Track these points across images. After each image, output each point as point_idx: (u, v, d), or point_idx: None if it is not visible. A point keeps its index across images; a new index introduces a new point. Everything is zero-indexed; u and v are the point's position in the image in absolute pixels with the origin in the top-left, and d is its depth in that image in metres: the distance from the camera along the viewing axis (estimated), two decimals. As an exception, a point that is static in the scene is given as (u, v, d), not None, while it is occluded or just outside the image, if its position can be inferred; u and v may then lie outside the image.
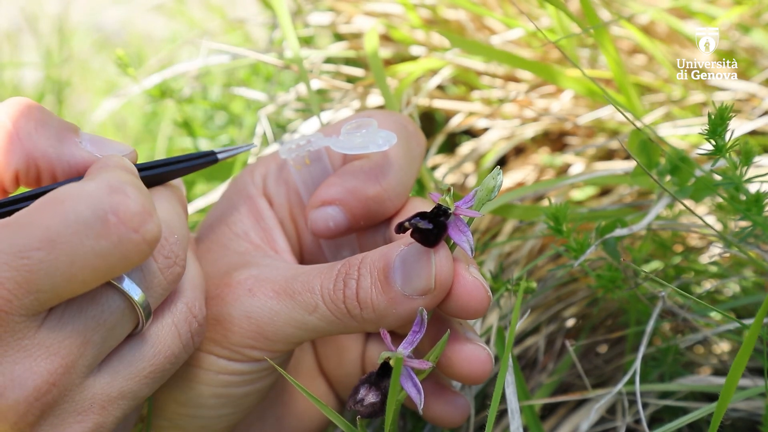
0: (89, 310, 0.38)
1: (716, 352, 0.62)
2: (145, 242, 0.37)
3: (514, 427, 0.47)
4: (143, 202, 0.37)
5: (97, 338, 0.38)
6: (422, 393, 0.41)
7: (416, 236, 0.41)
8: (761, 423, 0.55)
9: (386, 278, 0.43)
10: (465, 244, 0.42)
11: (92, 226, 0.35)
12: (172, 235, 0.41)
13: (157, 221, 0.37)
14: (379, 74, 0.63)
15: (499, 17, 0.74)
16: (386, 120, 0.50)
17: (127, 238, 0.36)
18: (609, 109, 0.72)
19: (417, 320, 0.42)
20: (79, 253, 0.35)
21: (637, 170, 0.57)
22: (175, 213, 0.43)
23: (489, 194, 0.43)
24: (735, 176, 0.50)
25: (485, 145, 0.76)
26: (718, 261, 0.62)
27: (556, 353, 0.65)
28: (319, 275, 0.45)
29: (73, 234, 0.35)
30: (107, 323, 0.38)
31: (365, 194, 0.48)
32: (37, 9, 1.47)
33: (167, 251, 0.41)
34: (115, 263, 0.36)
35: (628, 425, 0.57)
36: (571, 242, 0.53)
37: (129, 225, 0.36)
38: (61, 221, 0.35)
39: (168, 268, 0.41)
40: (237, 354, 0.46)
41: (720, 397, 0.42)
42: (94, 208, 0.36)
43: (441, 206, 0.42)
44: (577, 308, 0.66)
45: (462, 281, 0.43)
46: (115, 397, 0.40)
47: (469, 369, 0.45)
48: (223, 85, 0.97)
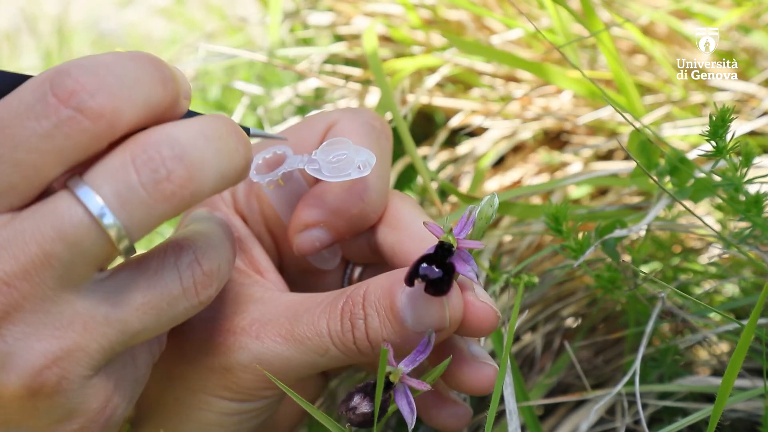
0: (45, 214, 0.35)
1: (716, 353, 0.62)
2: (88, 120, 0.34)
3: (512, 428, 0.47)
4: (87, 78, 0.35)
5: (60, 251, 0.35)
6: (415, 413, 0.41)
7: (430, 290, 0.40)
8: (761, 424, 0.55)
9: (395, 317, 0.42)
10: (471, 274, 0.41)
11: (33, 108, 0.34)
12: (169, 148, 0.36)
13: (104, 100, 0.35)
14: (376, 69, 0.63)
15: (499, 17, 0.74)
16: (351, 124, 0.48)
17: (65, 117, 0.34)
18: (609, 109, 0.72)
19: (423, 341, 0.42)
20: (22, 136, 0.34)
21: (637, 171, 0.57)
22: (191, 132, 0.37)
23: (487, 222, 0.43)
24: (735, 177, 0.50)
25: (484, 144, 0.76)
26: (718, 262, 0.62)
27: (554, 353, 0.65)
28: (324, 315, 0.44)
29: (14, 117, 0.34)
30: (69, 237, 0.35)
31: (349, 213, 0.47)
32: (37, 9, 1.47)
33: (156, 164, 0.36)
34: (62, 145, 0.35)
35: (627, 426, 0.57)
36: (571, 242, 0.53)
37: (68, 103, 0.34)
38: (4, 108, 0.35)
39: (155, 184, 0.36)
40: (250, 396, 0.45)
41: (717, 397, 0.42)
42: (35, 90, 0.35)
43: (444, 245, 0.41)
44: (575, 308, 0.66)
45: (472, 308, 0.43)
46: (100, 321, 0.37)
47: (474, 385, 0.45)
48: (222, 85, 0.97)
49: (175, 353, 0.47)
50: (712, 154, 0.50)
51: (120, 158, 0.36)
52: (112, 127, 0.35)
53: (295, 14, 0.83)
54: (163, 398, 0.47)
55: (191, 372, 0.46)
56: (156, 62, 0.38)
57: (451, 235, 0.41)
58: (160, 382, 0.48)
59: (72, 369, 0.36)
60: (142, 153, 0.36)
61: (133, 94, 0.36)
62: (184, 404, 0.46)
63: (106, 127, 0.35)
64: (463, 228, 0.42)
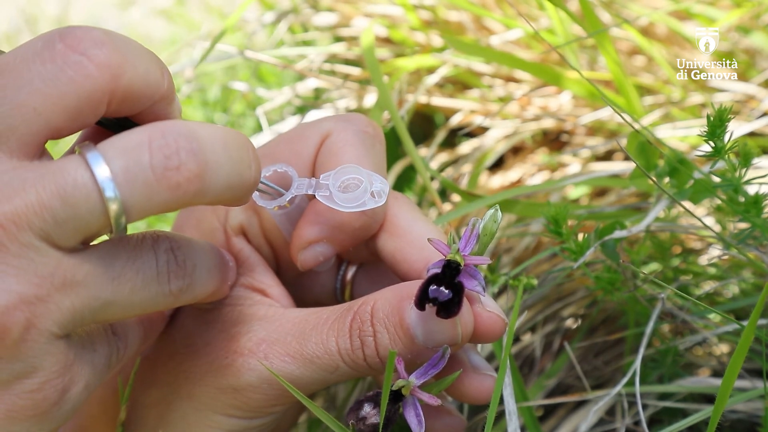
0: (52, 170, 0.35)
1: (716, 354, 0.62)
2: (93, 65, 0.35)
3: (512, 429, 0.47)
4: (96, 33, 0.36)
5: (56, 207, 0.35)
6: (423, 425, 0.41)
7: (441, 314, 0.40)
8: (760, 424, 0.55)
9: (406, 335, 0.42)
10: (478, 288, 0.41)
11: (40, 53, 0.35)
12: (188, 141, 0.36)
13: (110, 51, 0.36)
14: (372, 66, 0.63)
15: (499, 18, 0.74)
16: (345, 134, 0.48)
17: (72, 60, 0.35)
18: (608, 110, 0.72)
19: (437, 355, 0.42)
20: (26, 78, 0.35)
21: (636, 172, 0.57)
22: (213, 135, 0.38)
23: (491, 237, 0.43)
24: (734, 178, 0.50)
25: (484, 144, 0.76)
26: (717, 263, 0.62)
27: (554, 354, 0.64)
28: (333, 332, 0.44)
29: (21, 61, 0.35)
30: (69, 197, 0.35)
31: (352, 227, 0.47)
32: (37, 10, 1.47)
33: (170, 151, 0.36)
34: (65, 89, 0.35)
35: (627, 427, 0.57)
36: (571, 244, 0.53)
37: (75, 49, 0.35)
38: (11, 53, 0.36)
39: (164, 170, 0.36)
40: (258, 414, 0.45)
41: (717, 398, 0.42)
42: (44, 38, 0.36)
43: (452, 264, 0.41)
44: (575, 309, 0.66)
45: (480, 319, 0.43)
46: (78, 280, 0.36)
47: (475, 395, 0.45)
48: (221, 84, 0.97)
49: (179, 368, 0.47)
50: (711, 154, 0.49)
51: (138, 137, 0.36)
52: (114, 81, 0.36)
53: (294, 15, 0.83)
54: (169, 416, 0.47)
55: (199, 392, 0.46)
56: (153, 54, 0.39)
57: (459, 255, 0.41)
58: (166, 400, 0.48)
59: (42, 319, 0.36)
60: (161, 137, 0.36)
61: (137, 60, 0.37)
62: (191, 422, 0.46)
63: (109, 80, 0.36)
64: (468, 242, 0.42)
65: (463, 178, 0.76)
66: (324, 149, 0.48)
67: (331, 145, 0.48)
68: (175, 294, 0.41)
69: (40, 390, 0.37)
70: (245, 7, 0.66)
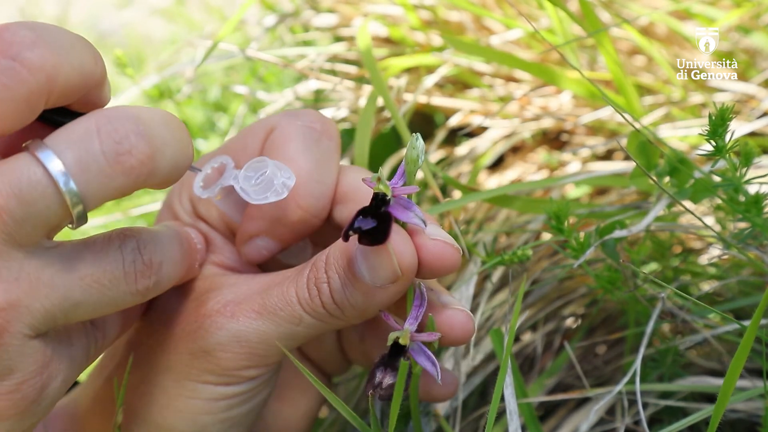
0: (3, 171, 0.36)
1: (716, 354, 0.62)
2: (26, 70, 0.35)
3: (513, 428, 0.47)
4: (26, 33, 0.35)
5: (13, 207, 0.35)
6: (437, 364, 0.42)
7: (365, 241, 0.40)
8: (761, 424, 0.55)
9: (354, 275, 0.43)
10: (414, 220, 0.41)
11: None
12: (134, 124, 0.37)
13: (43, 52, 0.35)
14: (371, 65, 0.63)
15: (499, 18, 0.74)
16: (289, 129, 0.49)
17: (4, 67, 0.35)
18: (608, 110, 0.72)
19: (416, 294, 0.43)
20: None
21: (636, 171, 0.57)
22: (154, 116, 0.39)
23: (416, 165, 0.42)
24: (735, 177, 0.50)
25: (484, 144, 0.76)
26: (717, 262, 0.62)
27: (554, 353, 0.64)
28: (293, 284, 0.45)
29: None
30: (25, 195, 0.35)
31: (290, 221, 0.48)
32: (37, 10, 1.47)
33: (120, 136, 0.36)
34: (1, 97, 0.35)
35: (627, 426, 0.57)
36: (572, 242, 0.53)
37: (6, 54, 0.35)
38: None
39: (116, 156, 0.36)
40: (234, 378, 0.46)
41: (718, 398, 0.42)
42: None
43: (378, 195, 0.41)
44: (575, 308, 0.66)
45: (425, 249, 0.43)
46: (45, 282, 0.37)
47: (451, 334, 0.45)
48: (221, 85, 0.97)
49: (156, 344, 0.48)
50: (712, 153, 0.49)
51: (84, 126, 0.37)
52: (49, 82, 0.36)
53: (295, 15, 0.83)
54: (151, 392, 0.48)
55: (174, 360, 0.47)
56: (84, 39, 0.39)
57: (383, 184, 0.41)
58: (147, 378, 0.48)
59: (14, 324, 0.36)
60: (107, 124, 0.37)
61: (69, 55, 0.37)
62: (171, 395, 0.47)
63: (45, 82, 0.36)
64: (400, 178, 0.42)
65: (462, 176, 0.76)
66: (268, 143, 0.49)
67: (275, 139, 0.49)
68: (143, 292, 0.41)
69: (18, 390, 0.38)
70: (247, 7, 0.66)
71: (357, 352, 0.54)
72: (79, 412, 0.53)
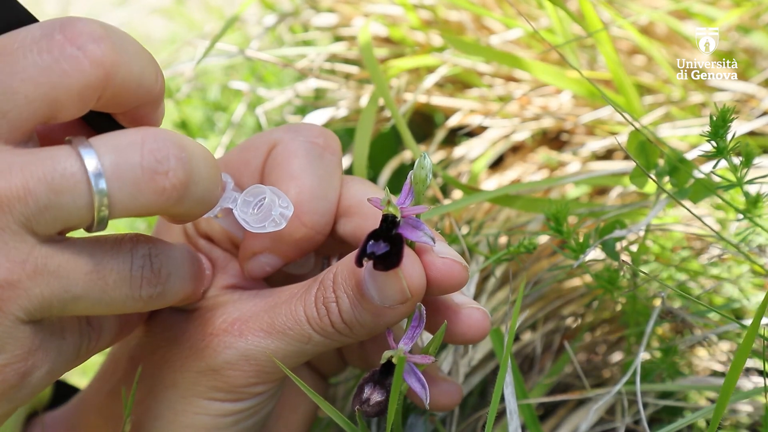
0: (41, 157, 0.36)
1: (716, 353, 0.62)
2: (88, 61, 0.35)
3: (513, 427, 0.47)
4: (96, 28, 0.36)
5: (40, 193, 0.35)
6: (427, 388, 0.41)
7: (380, 266, 0.40)
8: (761, 424, 0.55)
9: (362, 295, 0.42)
10: (424, 239, 0.41)
11: (38, 42, 0.35)
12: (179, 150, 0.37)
13: (108, 49, 0.36)
14: (372, 65, 0.63)
15: (498, 17, 0.74)
16: (291, 145, 0.48)
17: (68, 54, 0.35)
18: (608, 109, 0.72)
19: (416, 315, 0.42)
20: (21, 65, 0.35)
21: (636, 171, 0.57)
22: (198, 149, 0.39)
23: (424, 185, 0.42)
24: (735, 177, 0.50)
25: (483, 144, 0.76)
26: (717, 262, 0.62)
27: (554, 353, 0.64)
28: (301, 303, 0.44)
29: (17, 47, 0.35)
30: (54, 183, 0.35)
31: (293, 238, 0.47)
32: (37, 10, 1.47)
33: (162, 156, 0.37)
34: (57, 81, 0.35)
35: (627, 426, 0.57)
36: (571, 242, 0.53)
37: (73, 42, 0.35)
38: (9, 37, 0.36)
39: (153, 173, 0.37)
40: (242, 394, 0.45)
41: (719, 397, 0.42)
42: (44, 27, 0.36)
43: (388, 218, 0.41)
44: (575, 308, 0.66)
45: (434, 268, 0.43)
46: (50, 270, 0.37)
47: (467, 332, 0.45)
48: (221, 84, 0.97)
49: (161, 360, 0.48)
50: (713, 154, 0.49)
51: (131, 137, 0.37)
52: (106, 80, 0.36)
53: (294, 15, 0.83)
54: (156, 408, 0.47)
55: (181, 378, 0.46)
56: (150, 55, 0.39)
57: (392, 206, 0.40)
58: (152, 393, 0.48)
59: (8, 303, 0.36)
60: (153, 141, 0.37)
61: (132, 60, 0.37)
62: (178, 411, 0.46)
63: (102, 78, 0.36)
64: (407, 195, 0.42)
65: (461, 176, 0.76)
66: (270, 159, 0.49)
67: (277, 155, 0.48)
68: (145, 300, 0.41)
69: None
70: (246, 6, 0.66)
71: (355, 355, 0.54)
72: (80, 424, 0.53)
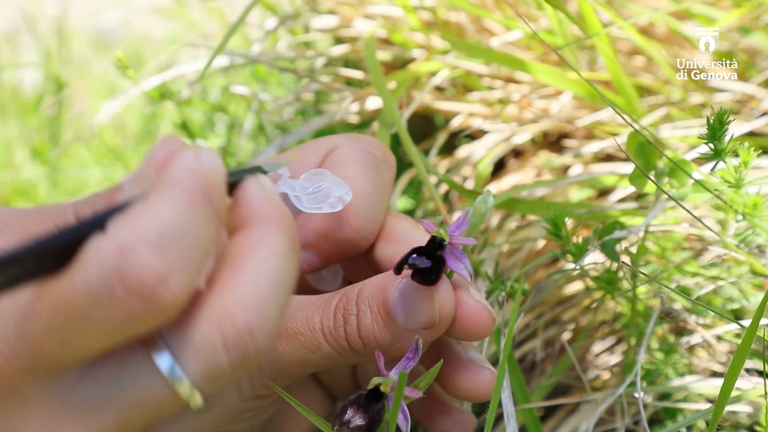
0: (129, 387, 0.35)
1: (716, 354, 0.62)
2: (158, 310, 0.33)
3: (510, 431, 0.47)
4: (156, 263, 0.32)
5: (136, 418, 0.35)
6: (409, 421, 0.41)
7: (417, 278, 0.40)
8: (760, 424, 0.55)
9: (387, 313, 0.42)
10: (464, 272, 0.41)
11: (100, 297, 0.32)
12: (258, 317, 0.35)
13: (176, 285, 0.33)
14: (378, 78, 0.63)
15: (498, 19, 0.74)
16: (351, 150, 0.48)
17: (137, 309, 0.32)
18: (608, 111, 0.72)
19: (412, 347, 0.42)
20: (88, 323, 0.33)
21: (636, 172, 0.57)
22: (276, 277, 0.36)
23: (482, 219, 0.43)
24: (734, 178, 0.51)
25: (484, 147, 0.76)
26: (717, 263, 0.62)
27: (554, 354, 0.65)
28: (318, 311, 0.44)
29: (81, 306, 0.33)
30: (150, 409, 0.35)
31: (337, 238, 0.47)
32: (37, 10, 1.47)
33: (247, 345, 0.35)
34: (130, 330, 0.33)
35: (627, 426, 0.57)
36: (570, 246, 0.53)
37: (139, 296, 0.32)
38: (67, 288, 0.33)
39: (242, 364, 0.35)
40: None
41: (718, 398, 0.42)
42: (101, 275, 0.32)
43: (436, 239, 0.41)
44: (576, 309, 0.66)
45: (465, 307, 0.43)
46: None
47: (473, 389, 0.45)
48: (222, 86, 0.97)
49: None
50: (711, 156, 0.50)
51: (209, 335, 0.35)
52: (179, 307, 0.34)
53: (295, 17, 0.83)
54: None
55: None
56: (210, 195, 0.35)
57: (443, 228, 0.41)
58: None
59: None
60: (233, 331, 0.35)
61: (198, 257, 0.34)
62: None
63: (177, 309, 0.34)
64: (459, 227, 0.42)
65: (464, 181, 0.76)
66: (328, 160, 0.49)
67: (336, 157, 0.49)
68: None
69: None
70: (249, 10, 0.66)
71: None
72: None
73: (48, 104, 1.23)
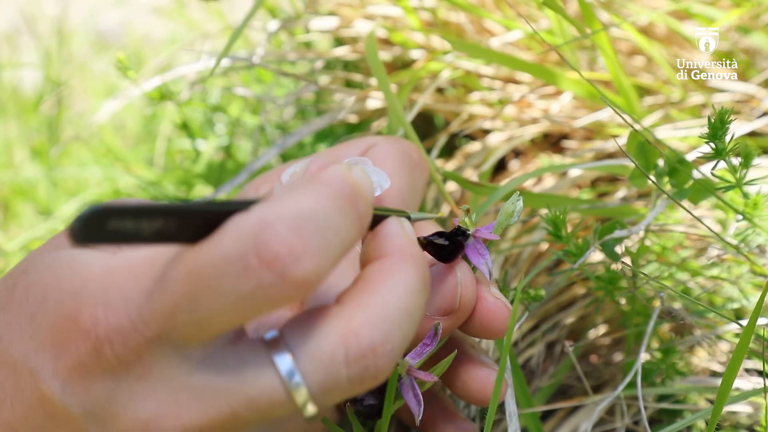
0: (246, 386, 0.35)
1: (716, 354, 0.62)
2: (289, 286, 0.33)
3: (512, 430, 0.47)
4: (293, 241, 0.33)
5: (248, 415, 0.35)
6: (422, 405, 0.41)
7: (430, 250, 0.41)
8: (760, 424, 0.55)
9: None
10: (483, 267, 0.42)
11: (234, 266, 0.33)
12: (383, 337, 0.35)
13: (309, 266, 0.33)
14: (382, 80, 0.63)
15: (498, 19, 0.74)
16: (389, 148, 0.50)
17: (269, 282, 0.33)
18: (608, 111, 0.72)
19: (430, 333, 0.42)
20: (220, 293, 0.33)
21: (636, 172, 0.57)
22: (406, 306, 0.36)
23: (509, 219, 0.44)
24: (735, 178, 0.51)
25: (485, 147, 0.76)
26: (717, 262, 0.62)
27: (556, 357, 0.65)
28: None
29: (215, 273, 0.33)
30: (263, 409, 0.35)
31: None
32: (36, 10, 1.47)
33: (368, 363, 0.35)
34: (258, 306, 0.34)
35: (627, 427, 0.57)
36: (571, 247, 0.53)
37: (272, 268, 0.32)
38: (204, 255, 0.33)
39: (361, 381, 0.35)
40: None
41: (717, 398, 0.42)
42: (238, 244, 0.33)
43: (460, 227, 0.42)
44: (576, 309, 0.66)
45: (485, 302, 0.43)
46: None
47: (483, 393, 0.45)
48: (222, 87, 0.97)
49: None
50: (712, 156, 0.50)
51: (333, 346, 0.35)
52: (310, 290, 0.34)
53: (296, 19, 0.83)
54: None
55: None
56: (355, 199, 0.36)
57: (469, 218, 0.42)
58: None
59: None
60: (357, 347, 0.35)
61: (334, 249, 0.34)
62: None
63: (306, 291, 0.34)
64: (487, 226, 0.43)
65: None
66: (367, 155, 0.50)
67: (374, 154, 0.50)
68: None
69: None
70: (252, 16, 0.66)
71: None
72: None
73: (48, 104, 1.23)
